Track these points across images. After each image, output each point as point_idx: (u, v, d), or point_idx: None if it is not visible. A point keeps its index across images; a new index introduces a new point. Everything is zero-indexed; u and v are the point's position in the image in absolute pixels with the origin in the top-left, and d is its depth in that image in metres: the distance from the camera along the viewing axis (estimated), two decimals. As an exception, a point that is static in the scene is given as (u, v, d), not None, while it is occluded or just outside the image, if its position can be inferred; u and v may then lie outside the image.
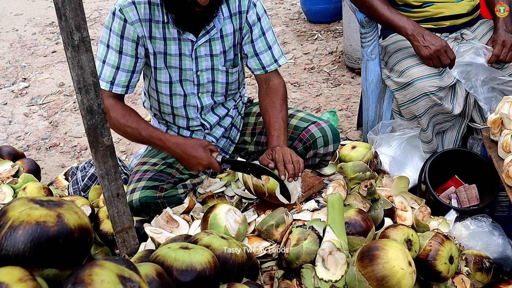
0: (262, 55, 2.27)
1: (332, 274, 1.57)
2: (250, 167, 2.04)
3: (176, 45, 2.12)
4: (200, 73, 2.21)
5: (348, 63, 4.52)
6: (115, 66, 2.10)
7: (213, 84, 2.27)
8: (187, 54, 2.15)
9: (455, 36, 2.64)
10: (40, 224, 0.89)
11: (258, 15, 2.22)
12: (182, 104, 2.29)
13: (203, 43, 2.15)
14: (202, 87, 2.26)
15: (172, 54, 2.14)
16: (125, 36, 2.06)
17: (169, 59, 2.15)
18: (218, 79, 2.27)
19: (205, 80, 2.24)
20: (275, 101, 2.27)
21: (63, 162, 3.59)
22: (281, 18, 6.16)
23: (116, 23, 2.04)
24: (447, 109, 2.45)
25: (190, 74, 2.20)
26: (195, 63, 2.18)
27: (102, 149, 1.66)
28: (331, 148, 2.31)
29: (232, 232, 1.79)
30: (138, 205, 2.13)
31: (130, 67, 2.12)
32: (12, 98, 4.73)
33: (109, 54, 2.09)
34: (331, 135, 2.29)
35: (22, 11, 7.50)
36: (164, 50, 2.13)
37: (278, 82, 2.33)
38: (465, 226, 2.13)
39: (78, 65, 1.52)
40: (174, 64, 2.17)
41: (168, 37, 2.11)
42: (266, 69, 2.30)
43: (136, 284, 0.88)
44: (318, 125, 2.29)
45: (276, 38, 2.32)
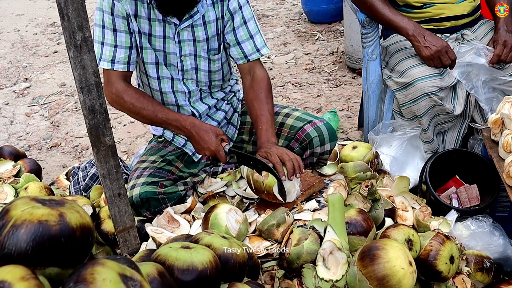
0: (244, 43, 2.28)
1: (333, 274, 1.58)
2: (253, 161, 2.05)
3: (161, 26, 2.15)
4: (184, 58, 2.23)
5: (349, 64, 4.52)
6: (113, 44, 2.13)
7: (196, 71, 2.29)
8: (170, 37, 2.17)
9: (455, 37, 2.65)
10: (42, 223, 0.90)
11: (240, 4, 2.23)
12: (171, 89, 2.30)
13: (186, 28, 2.17)
14: (186, 73, 2.28)
15: (157, 36, 2.16)
16: (115, 13, 2.09)
17: (154, 41, 2.17)
18: (201, 66, 2.28)
19: (189, 65, 2.26)
20: (259, 93, 2.27)
21: (64, 162, 3.60)
22: (282, 18, 6.16)
23: (105, 1, 2.08)
24: (448, 109, 2.45)
25: (174, 59, 2.22)
26: (178, 47, 2.20)
27: (104, 149, 1.67)
28: (328, 146, 2.32)
29: (233, 231, 1.79)
30: (138, 201, 2.13)
31: (126, 43, 2.14)
32: (13, 98, 4.73)
33: (106, 34, 2.12)
34: (327, 133, 2.29)
35: (23, 11, 7.52)
36: (149, 31, 2.15)
37: (262, 74, 2.33)
38: (465, 226, 2.14)
39: (81, 65, 1.53)
40: (159, 47, 2.19)
41: (153, 18, 2.13)
42: (248, 57, 2.30)
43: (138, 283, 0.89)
44: (314, 125, 2.30)
45: (259, 28, 2.32)
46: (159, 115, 2.17)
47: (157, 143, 2.48)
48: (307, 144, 2.28)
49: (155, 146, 2.46)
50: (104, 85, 2.17)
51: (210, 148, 2.11)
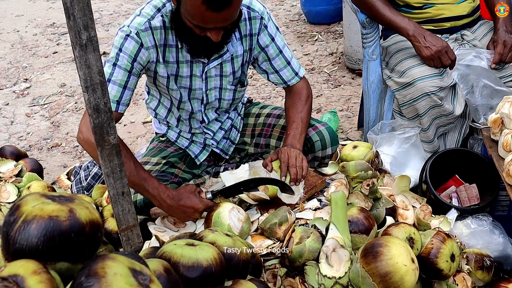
0: (282, 71, 2.29)
1: (335, 271, 1.59)
2: (243, 186, 2.01)
3: (188, 67, 2.11)
4: (209, 92, 2.22)
5: (348, 64, 4.54)
6: (122, 85, 2.02)
7: (219, 101, 2.29)
8: (197, 75, 2.15)
9: (455, 37, 2.67)
10: (53, 219, 0.91)
11: (271, 35, 2.21)
12: (187, 117, 2.31)
13: (215, 66, 2.15)
14: (209, 105, 2.28)
15: (184, 76, 2.13)
16: (137, 60, 2.01)
17: (180, 80, 2.14)
18: (225, 97, 2.28)
19: (213, 98, 2.25)
20: (296, 102, 2.29)
21: (65, 162, 3.61)
22: (281, 19, 6.18)
23: (130, 45, 1.98)
24: (448, 109, 2.47)
25: (199, 93, 2.20)
26: (205, 83, 2.18)
27: (108, 148, 1.67)
28: (329, 151, 2.33)
29: (235, 230, 1.80)
30: (142, 205, 2.14)
31: (133, 86, 2.07)
32: (13, 98, 4.74)
33: (116, 73, 2.01)
34: (329, 138, 2.31)
35: (23, 12, 7.52)
36: (176, 73, 2.12)
37: (301, 85, 2.34)
38: (466, 225, 2.15)
39: (86, 64, 1.54)
40: (185, 85, 2.16)
41: (181, 60, 2.09)
42: (288, 83, 2.32)
43: (147, 277, 0.90)
44: (316, 129, 2.31)
45: (291, 53, 2.32)
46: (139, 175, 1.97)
47: (159, 142, 2.47)
48: (309, 148, 2.29)
49: (157, 146, 2.45)
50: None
51: (198, 210, 1.97)
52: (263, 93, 4.35)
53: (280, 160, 2.05)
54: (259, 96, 4.29)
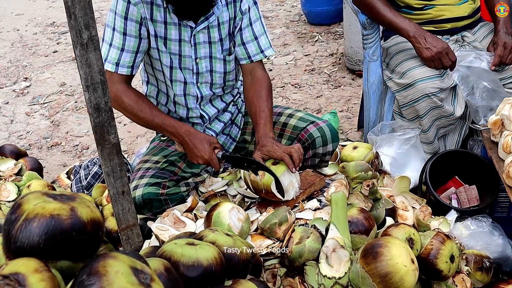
0: (248, 44, 2.30)
1: (335, 271, 1.59)
2: (247, 163, 2.07)
3: (176, 30, 2.16)
4: (199, 61, 2.25)
5: (349, 65, 4.54)
6: (120, 48, 2.12)
7: (211, 74, 2.31)
8: (186, 40, 2.18)
9: (456, 39, 2.67)
10: (54, 217, 0.91)
11: (249, 5, 2.26)
12: (182, 92, 2.32)
13: (202, 30, 2.18)
14: (201, 76, 2.29)
15: (172, 39, 2.17)
16: (128, 17, 2.08)
17: (169, 44, 2.18)
18: (216, 68, 2.30)
19: (204, 68, 2.27)
20: (260, 91, 2.29)
21: (64, 161, 3.61)
22: (281, 20, 6.18)
23: (120, 4, 2.07)
24: (448, 110, 2.47)
25: (189, 62, 2.23)
26: (194, 49, 2.21)
27: (109, 147, 1.68)
28: (330, 147, 2.34)
29: (235, 230, 1.80)
30: (140, 202, 2.15)
31: (134, 48, 2.14)
32: (13, 97, 4.74)
33: (115, 36, 2.12)
34: (330, 134, 2.32)
35: (23, 11, 7.52)
36: (164, 35, 2.16)
37: (262, 74, 2.35)
38: (465, 226, 2.15)
39: (87, 63, 1.54)
40: (174, 50, 2.20)
41: (169, 22, 2.14)
42: (251, 58, 2.32)
43: (148, 276, 0.90)
44: (317, 125, 2.32)
45: (265, 30, 2.34)
46: (156, 119, 2.18)
47: (160, 142, 2.48)
48: (310, 144, 2.30)
49: (158, 145, 2.46)
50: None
51: (203, 156, 2.12)
52: (263, 93, 4.35)
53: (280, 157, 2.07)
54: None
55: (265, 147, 2.11)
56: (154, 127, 2.25)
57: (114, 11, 2.09)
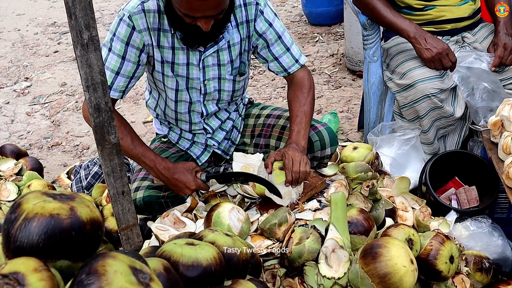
0: (281, 58, 2.26)
1: (335, 272, 1.59)
2: (234, 176, 2.06)
3: (184, 54, 2.10)
4: (207, 82, 2.20)
5: (349, 66, 4.54)
6: (115, 71, 2.04)
7: (219, 92, 2.26)
8: (194, 64, 2.13)
9: (456, 39, 2.67)
10: (53, 217, 0.92)
11: (268, 21, 2.19)
12: (187, 110, 2.28)
13: (211, 54, 2.13)
14: (209, 95, 2.25)
15: (180, 64, 2.12)
16: (130, 43, 2.01)
17: (177, 68, 2.13)
18: (225, 88, 2.26)
19: (212, 89, 2.23)
20: (298, 95, 2.27)
21: (65, 161, 3.61)
22: (282, 20, 6.16)
23: (122, 29, 1.99)
24: (448, 111, 2.47)
25: (197, 83, 2.19)
26: (202, 72, 2.17)
27: (109, 147, 1.68)
28: (329, 151, 2.33)
29: (235, 230, 1.80)
30: (141, 204, 2.14)
31: (130, 73, 2.07)
32: (14, 97, 4.75)
33: (110, 58, 2.03)
34: (328, 138, 2.31)
35: (24, 11, 7.53)
36: (172, 60, 2.10)
37: (302, 75, 2.31)
38: (465, 227, 2.15)
39: (87, 63, 1.54)
40: (181, 73, 2.15)
41: (177, 47, 2.08)
42: (288, 71, 2.29)
43: (148, 276, 0.90)
44: (315, 129, 2.30)
45: (292, 39, 2.30)
46: (135, 150, 2.09)
47: (160, 143, 2.47)
48: (308, 148, 2.29)
49: (159, 146, 2.45)
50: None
51: (190, 187, 2.07)
52: (263, 94, 4.36)
53: (284, 165, 2.05)
54: (259, 97, 4.29)
55: (285, 151, 2.08)
56: (133, 157, 2.15)
57: (114, 33, 2.01)
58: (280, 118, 2.41)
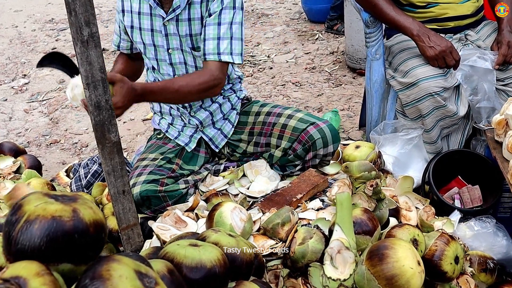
0: (207, 41, 2.19)
1: (340, 273, 1.57)
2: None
3: (149, 20, 2.25)
4: (172, 51, 2.29)
5: (350, 63, 4.52)
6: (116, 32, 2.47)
7: (185, 66, 2.33)
8: (157, 29, 2.26)
9: (459, 37, 2.65)
10: (56, 219, 0.89)
11: (222, 6, 2.15)
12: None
13: (171, 21, 2.21)
14: (176, 68, 2.33)
15: (145, 29, 2.27)
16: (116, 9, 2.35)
17: (143, 35, 2.29)
18: (188, 61, 2.32)
19: (177, 59, 2.31)
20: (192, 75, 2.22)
21: (63, 159, 3.58)
22: (281, 17, 6.16)
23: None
24: (451, 110, 2.45)
25: (163, 52, 2.30)
26: (165, 40, 2.27)
27: (109, 146, 1.66)
28: (331, 148, 2.31)
29: (237, 230, 1.78)
30: (139, 199, 2.14)
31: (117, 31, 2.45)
32: (12, 94, 4.71)
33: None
34: (331, 135, 2.29)
35: (21, 7, 7.48)
36: (138, 25, 2.29)
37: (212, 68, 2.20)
38: (469, 227, 2.13)
39: (87, 60, 1.52)
40: (148, 41, 2.29)
41: (142, 12, 2.25)
42: (205, 56, 2.20)
43: (153, 280, 0.88)
44: (317, 126, 2.29)
45: (234, 37, 2.20)
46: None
47: (156, 140, 2.51)
48: (310, 146, 2.27)
49: (155, 143, 2.48)
50: None
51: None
52: (263, 92, 4.33)
53: None
54: (259, 95, 4.27)
55: None
56: None
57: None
58: (280, 116, 2.39)
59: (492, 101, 2.45)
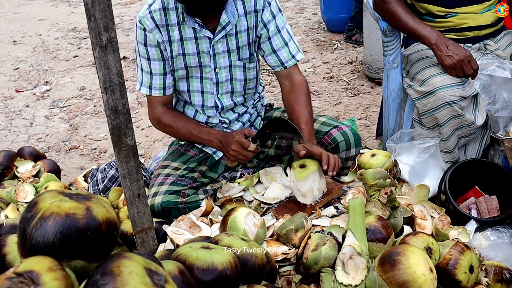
0: (279, 51, 2.33)
1: (352, 279, 1.57)
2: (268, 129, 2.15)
3: (193, 44, 2.22)
4: (219, 70, 2.29)
5: (368, 73, 4.51)
6: (148, 72, 2.27)
7: (231, 82, 2.34)
8: (205, 51, 2.25)
9: (478, 47, 2.63)
10: (69, 216, 0.91)
11: (273, 13, 2.28)
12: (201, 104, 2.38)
13: (220, 39, 2.22)
14: (221, 86, 2.32)
15: (190, 54, 2.24)
16: (147, 43, 2.21)
17: (188, 59, 2.25)
18: (236, 76, 2.34)
19: (224, 78, 2.31)
20: (300, 96, 2.31)
21: (82, 164, 3.63)
22: (301, 27, 6.18)
23: (138, 33, 2.21)
24: (469, 119, 2.43)
25: (209, 71, 2.28)
26: (213, 59, 2.27)
27: (125, 149, 1.68)
28: (353, 152, 2.32)
29: (251, 235, 1.79)
30: (159, 209, 2.15)
31: (160, 70, 2.26)
32: (34, 100, 4.79)
33: (141, 62, 2.27)
34: (353, 139, 2.30)
35: (45, 16, 7.63)
36: (182, 51, 2.24)
37: (300, 79, 2.38)
38: (485, 237, 2.11)
39: (105, 65, 1.54)
40: (194, 63, 2.27)
41: (185, 37, 2.21)
42: (285, 65, 2.35)
43: (163, 278, 0.89)
44: (340, 129, 2.30)
45: (292, 35, 2.37)
46: (194, 132, 2.30)
47: (178, 146, 2.49)
48: (333, 148, 2.28)
49: (177, 150, 2.47)
50: (148, 108, 2.40)
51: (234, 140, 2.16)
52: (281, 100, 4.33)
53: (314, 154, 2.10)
54: (277, 104, 4.28)
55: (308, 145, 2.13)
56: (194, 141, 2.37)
57: (136, 39, 2.23)
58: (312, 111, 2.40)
59: (511, 110, 2.43)
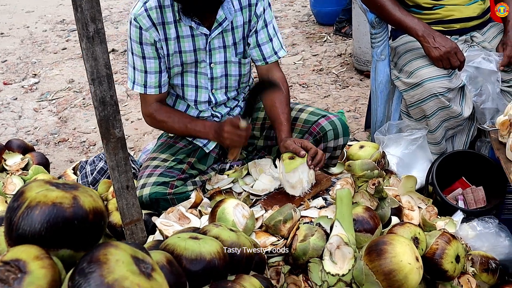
0: (263, 46, 2.34)
1: (339, 268, 1.58)
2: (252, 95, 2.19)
3: (190, 41, 2.21)
4: (214, 66, 2.29)
5: (357, 66, 4.53)
6: (143, 70, 2.23)
7: (226, 78, 2.34)
8: (201, 48, 2.24)
9: (465, 39, 2.65)
10: (56, 205, 0.91)
11: (264, 7, 2.29)
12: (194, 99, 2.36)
13: (216, 36, 2.22)
14: (216, 81, 2.33)
15: (187, 51, 2.23)
16: (143, 42, 2.17)
17: (185, 57, 2.24)
18: (231, 72, 2.34)
19: (219, 73, 2.31)
20: (280, 94, 2.31)
21: (71, 157, 3.62)
22: (290, 20, 6.18)
23: (133, 31, 2.16)
24: (456, 111, 2.45)
25: (204, 66, 2.28)
26: (209, 55, 2.26)
27: (114, 141, 1.67)
28: (341, 141, 2.34)
29: (240, 226, 1.79)
30: (147, 201, 2.15)
31: (156, 68, 2.23)
32: (22, 93, 4.76)
33: (135, 60, 2.23)
34: (341, 128, 2.32)
35: (33, 8, 7.57)
36: (179, 49, 2.22)
37: (279, 76, 2.40)
38: (471, 227, 2.14)
39: (92, 56, 1.54)
40: (190, 60, 2.26)
41: (181, 35, 2.19)
42: (267, 60, 2.37)
43: (150, 266, 0.90)
44: (328, 119, 2.32)
45: (277, 31, 2.38)
46: (189, 126, 2.31)
47: (167, 138, 2.48)
48: (321, 137, 2.30)
49: (166, 142, 2.46)
50: (141, 105, 2.38)
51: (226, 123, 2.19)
52: (270, 93, 4.35)
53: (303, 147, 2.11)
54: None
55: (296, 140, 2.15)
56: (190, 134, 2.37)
57: (130, 37, 2.19)
58: (291, 110, 2.42)
59: (496, 102, 2.45)
